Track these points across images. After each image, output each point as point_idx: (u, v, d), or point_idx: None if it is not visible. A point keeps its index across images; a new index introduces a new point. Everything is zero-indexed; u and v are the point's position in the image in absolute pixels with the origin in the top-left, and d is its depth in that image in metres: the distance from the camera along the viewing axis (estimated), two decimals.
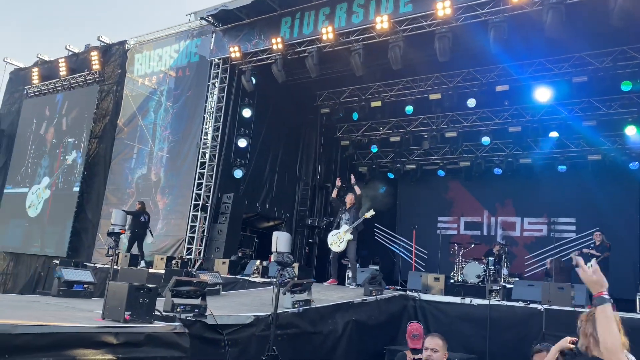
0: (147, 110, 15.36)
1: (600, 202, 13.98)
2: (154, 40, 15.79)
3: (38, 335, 3.44)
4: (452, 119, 15.19)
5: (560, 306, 7.21)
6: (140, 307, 4.17)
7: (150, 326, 4.18)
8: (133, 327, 4.02)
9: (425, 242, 15.93)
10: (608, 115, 13.09)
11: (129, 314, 4.07)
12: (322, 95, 15.88)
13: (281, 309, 5.85)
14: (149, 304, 4.25)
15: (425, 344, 4.38)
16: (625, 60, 11.55)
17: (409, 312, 8.36)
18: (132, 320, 4.07)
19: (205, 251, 12.75)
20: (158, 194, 14.17)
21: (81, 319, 4.40)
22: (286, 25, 12.38)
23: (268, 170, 15.16)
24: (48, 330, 3.56)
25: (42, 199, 16.96)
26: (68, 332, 3.68)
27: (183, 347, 4.31)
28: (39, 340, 3.43)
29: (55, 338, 3.55)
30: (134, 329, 4.02)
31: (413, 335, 5.54)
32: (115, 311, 4.17)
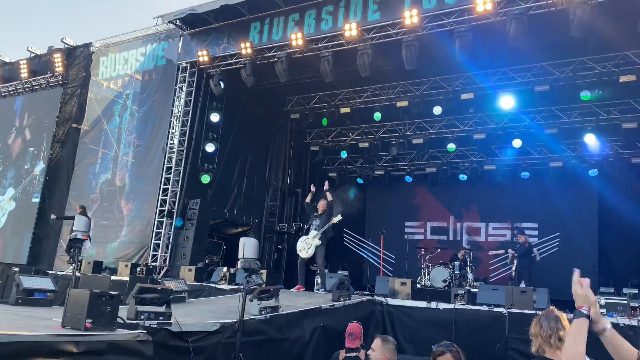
0: (112, 114, 15.06)
1: (561, 207, 14.38)
2: (120, 43, 15.52)
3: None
4: (418, 126, 15.41)
5: (522, 309, 7.39)
6: (102, 315, 4.07)
7: (112, 334, 4.09)
8: (94, 335, 3.92)
9: (393, 247, 16.08)
10: (568, 123, 13.51)
11: (90, 322, 3.96)
12: (291, 100, 15.89)
13: (248, 315, 5.81)
14: (111, 312, 4.16)
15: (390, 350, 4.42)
16: (584, 70, 11.97)
17: (376, 317, 8.43)
18: (94, 328, 3.97)
19: (171, 258, 12.55)
20: (123, 200, 13.89)
21: (40, 327, 4.27)
22: (255, 30, 12.36)
23: (236, 175, 15.04)
24: (5, 339, 3.45)
25: (5, 210, 16.42)
26: (26, 341, 3.57)
27: (146, 355, 4.23)
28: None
29: (13, 347, 3.44)
30: (95, 337, 3.92)
31: (349, 334, 5.59)
32: (76, 319, 4.05)
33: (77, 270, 7.66)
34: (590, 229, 14.48)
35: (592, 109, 13.08)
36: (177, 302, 7.15)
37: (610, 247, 13.77)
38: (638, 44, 11.06)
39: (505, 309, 7.52)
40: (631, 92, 12.27)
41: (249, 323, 5.73)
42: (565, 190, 14.34)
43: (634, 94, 12.38)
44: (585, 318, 2.32)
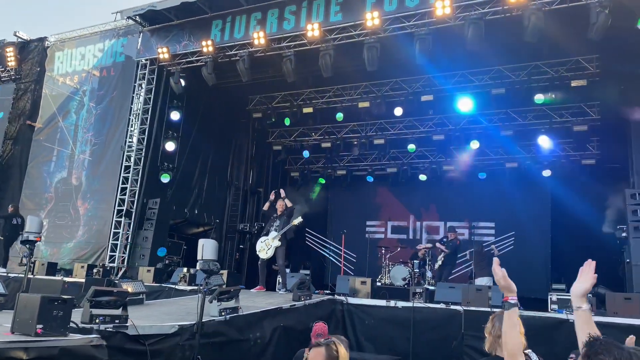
0: (68, 110, 14.62)
1: (516, 207, 14.84)
2: (76, 38, 15.07)
3: None
4: (380, 127, 15.61)
5: (478, 307, 7.60)
6: (53, 320, 3.97)
7: (64, 339, 3.99)
8: (45, 341, 3.82)
9: (354, 246, 16.23)
10: (523, 125, 13.95)
11: (41, 327, 3.86)
12: (254, 99, 15.81)
13: (207, 317, 5.77)
14: (63, 316, 4.06)
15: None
16: (538, 74, 12.39)
17: (336, 316, 8.51)
18: (45, 333, 3.86)
19: (129, 259, 12.28)
20: (79, 199, 13.51)
21: None
22: (217, 28, 12.24)
23: (197, 174, 14.85)
24: None
25: None
26: None
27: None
28: None
29: None
30: (46, 342, 3.82)
31: (317, 334, 5.66)
32: (26, 325, 3.94)
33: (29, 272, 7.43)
34: (544, 228, 15.01)
35: (545, 112, 13.55)
36: (135, 305, 7.03)
37: (562, 245, 14.28)
38: (588, 50, 11.54)
39: (461, 306, 7.71)
40: (582, 97, 12.78)
41: (208, 324, 5.69)
42: (520, 190, 14.79)
43: (585, 98, 12.90)
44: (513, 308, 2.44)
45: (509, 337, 2.44)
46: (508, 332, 2.46)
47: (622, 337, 6.44)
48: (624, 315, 7.03)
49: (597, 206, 12.55)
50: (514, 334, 2.44)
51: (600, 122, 13.14)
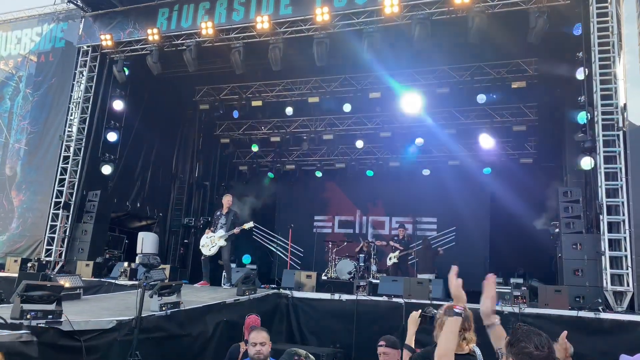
0: (2, 97, 13.89)
1: (457, 203, 15.28)
2: (12, 20, 14.30)
3: None
4: (329, 122, 15.70)
5: (419, 299, 7.81)
6: None
7: None
8: None
9: (301, 241, 16.29)
10: (466, 124, 14.41)
11: None
12: (201, 90, 15.52)
13: (147, 312, 5.64)
14: None
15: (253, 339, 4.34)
16: (481, 75, 12.83)
17: (281, 310, 8.52)
18: None
19: (67, 253, 11.80)
20: (13, 190, 12.87)
21: None
22: (163, 17, 11.92)
23: (140, 166, 14.42)
24: None
25: None
26: None
27: (31, 357, 3.99)
28: None
29: None
30: None
31: (251, 327, 5.68)
32: None
33: None
34: (483, 224, 15.57)
35: (487, 112, 14.06)
36: (71, 300, 6.79)
37: (500, 241, 14.87)
38: (528, 54, 12.06)
39: (403, 299, 7.90)
40: (521, 98, 13.33)
41: (148, 319, 5.56)
42: (461, 187, 15.25)
43: (524, 99, 13.47)
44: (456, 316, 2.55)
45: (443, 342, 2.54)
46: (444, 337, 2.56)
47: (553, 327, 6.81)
48: (554, 306, 7.42)
49: (534, 203, 13.13)
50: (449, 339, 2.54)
51: (538, 123, 13.77)
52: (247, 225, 9.59)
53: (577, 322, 7.02)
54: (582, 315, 7.11)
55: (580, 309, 7.48)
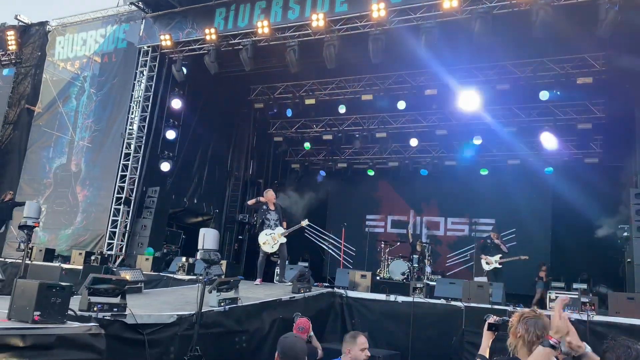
0: (68, 96, 14.50)
1: (517, 204, 14.76)
2: (78, 23, 14.92)
3: None
4: (382, 120, 15.50)
5: (479, 303, 7.54)
6: (51, 307, 3.89)
7: (62, 327, 3.91)
8: (43, 329, 3.74)
9: (353, 240, 16.18)
10: (527, 122, 13.84)
11: (39, 314, 3.78)
12: (256, 89, 15.69)
13: (206, 307, 5.70)
14: (61, 303, 3.98)
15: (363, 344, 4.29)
16: (543, 70, 12.28)
17: (336, 309, 8.45)
18: (42, 320, 3.78)
19: (128, 247, 12.22)
20: (78, 186, 13.43)
21: None
22: (220, 17, 12.10)
23: (197, 163, 14.75)
24: None
25: None
26: None
27: (98, 349, 4.08)
28: None
29: None
30: (43, 330, 3.74)
31: (299, 327, 5.66)
32: (23, 311, 3.86)
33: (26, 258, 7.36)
34: (544, 226, 14.95)
35: (550, 109, 13.46)
36: (133, 293, 6.96)
37: (562, 244, 14.25)
38: (595, 48, 11.44)
39: (462, 302, 7.65)
40: (587, 94, 12.68)
41: (207, 315, 5.62)
42: (521, 187, 14.73)
43: (590, 95, 12.80)
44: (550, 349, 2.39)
45: None
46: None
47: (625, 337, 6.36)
48: (626, 315, 6.97)
49: (599, 205, 12.49)
50: None
51: (605, 121, 13.05)
52: (304, 223, 9.58)
53: None
54: None
55: None
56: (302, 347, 3.34)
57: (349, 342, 4.25)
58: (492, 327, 3.52)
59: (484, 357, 3.53)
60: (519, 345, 3.08)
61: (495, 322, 3.52)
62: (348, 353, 4.19)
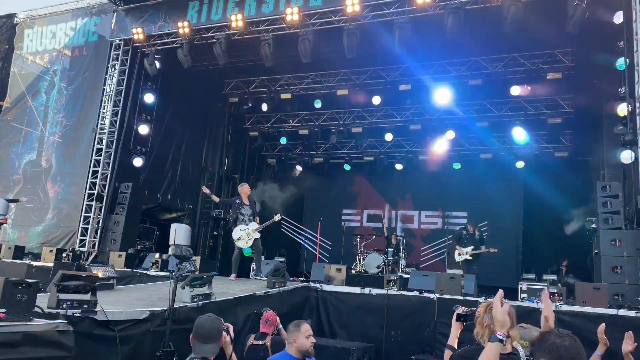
0: (37, 90, 14.19)
1: (489, 197, 15.00)
2: (47, 15, 14.59)
3: None
4: (358, 115, 15.57)
5: (451, 295, 7.67)
6: (17, 304, 3.82)
7: (28, 324, 3.84)
8: (8, 326, 3.67)
9: (329, 234, 16.24)
10: (499, 117, 14.07)
11: (4, 312, 3.71)
12: (230, 83, 15.58)
13: (179, 303, 5.66)
14: (27, 301, 3.91)
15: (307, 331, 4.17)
16: (515, 66, 12.49)
17: (311, 303, 8.49)
18: (8, 318, 3.72)
19: (100, 243, 12.04)
20: (49, 182, 13.16)
21: None
22: (194, 10, 11.97)
23: (171, 159, 14.58)
24: None
25: None
26: None
27: (67, 346, 4.02)
28: None
29: None
30: (9, 327, 3.67)
31: (266, 320, 5.71)
32: None
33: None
34: (516, 218, 15.24)
35: (520, 104, 13.71)
36: (105, 290, 6.89)
37: (533, 236, 14.54)
38: (565, 43, 11.68)
39: (434, 294, 7.77)
40: (557, 89, 12.93)
41: (180, 311, 5.58)
42: (493, 181, 14.96)
43: (560, 90, 13.06)
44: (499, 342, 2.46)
45: None
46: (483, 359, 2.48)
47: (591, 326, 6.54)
48: (592, 304, 7.18)
49: (569, 198, 12.78)
50: None
51: (574, 115, 13.34)
52: (276, 218, 9.55)
53: (617, 320, 6.78)
54: (623, 314, 6.85)
55: (619, 307, 7.23)
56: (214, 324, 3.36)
57: (292, 332, 4.11)
58: (461, 318, 3.59)
59: (453, 347, 3.60)
60: (486, 334, 3.16)
61: (464, 313, 3.59)
62: (294, 343, 4.06)
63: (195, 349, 3.23)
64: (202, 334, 3.23)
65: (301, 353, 4.05)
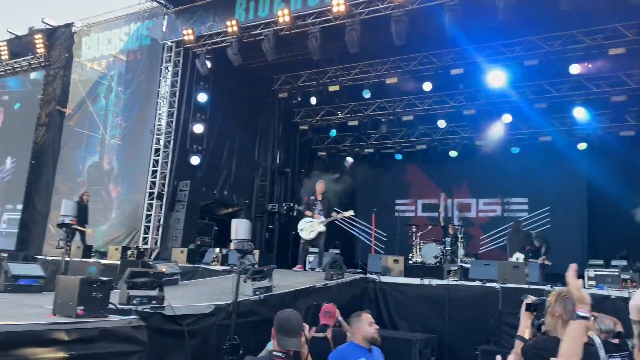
0: (97, 95, 14.78)
1: (550, 181, 14.42)
2: (102, 22, 15.15)
3: None
4: (408, 103, 15.31)
5: (515, 284, 7.44)
6: (93, 302, 4.01)
7: (104, 321, 4.02)
8: (86, 323, 3.85)
9: (383, 225, 16.11)
10: (558, 97, 13.47)
11: (82, 309, 3.89)
12: (279, 79, 15.69)
13: (242, 296, 5.77)
14: (102, 298, 4.09)
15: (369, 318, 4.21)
16: (573, 43, 11.89)
17: (369, 295, 8.45)
18: (85, 315, 3.90)
19: (162, 240, 12.46)
20: (111, 183, 13.73)
21: (31, 316, 4.20)
22: (241, 8, 12.10)
23: (225, 156, 14.88)
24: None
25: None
26: (17, 330, 3.49)
27: (140, 341, 4.18)
28: None
29: (3, 338, 3.36)
30: (87, 324, 3.85)
31: (325, 312, 5.70)
32: (67, 306, 3.98)
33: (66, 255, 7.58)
34: (580, 203, 14.58)
35: (581, 83, 13.06)
36: (170, 285, 7.10)
37: (599, 220, 13.90)
38: (627, 16, 11.00)
39: (498, 283, 7.56)
40: (620, 65, 12.23)
41: (243, 304, 5.69)
42: (554, 165, 14.38)
43: (623, 66, 12.34)
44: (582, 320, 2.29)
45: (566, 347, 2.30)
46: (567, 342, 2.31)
47: None
48: None
49: (636, 179, 12.11)
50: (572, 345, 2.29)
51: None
52: (347, 213, 9.65)
53: None
54: None
55: None
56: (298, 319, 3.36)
57: (355, 322, 4.17)
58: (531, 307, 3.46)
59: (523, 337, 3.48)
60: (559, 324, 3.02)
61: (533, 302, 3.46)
62: (358, 332, 4.11)
63: (279, 343, 3.23)
64: (288, 328, 3.24)
65: (367, 341, 4.07)
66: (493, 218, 15.96)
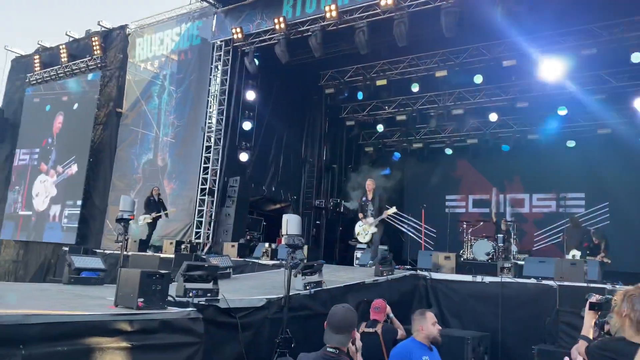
0: (150, 95, 15.25)
1: (610, 176, 13.80)
2: (154, 23, 15.61)
3: (52, 325, 3.41)
4: (458, 96, 14.99)
5: (573, 282, 7.16)
6: (153, 294, 4.14)
7: (164, 312, 4.15)
8: (147, 314, 3.99)
9: (433, 221, 15.86)
10: (617, 88, 12.86)
11: (142, 301, 4.03)
12: (326, 75, 15.71)
13: (293, 291, 5.82)
14: (161, 290, 4.22)
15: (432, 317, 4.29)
16: (634, 30, 11.29)
17: (420, 292, 8.36)
18: (146, 307, 4.04)
19: (214, 235, 12.76)
20: (165, 179, 14.15)
21: (94, 306, 4.39)
22: (288, 5, 12.19)
23: (273, 152, 15.07)
24: (62, 319, 3.53)
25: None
26: (82, 320, 3.65)
27: (198, 333, 4.29)
28: (52, 330, 3.40)
29: (70, 327, 3.53)
30: (147, 315, 3.99)
31: (375, 308, 5.70)
32: (128, 298, 4.14)
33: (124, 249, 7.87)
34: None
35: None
36: (223, 279, 7.25)
37: None
38: None
39: (554, 281, 7.30)
40: None
41: (294, 298, 5.74)
42: (614, 158, 13.76)
43: None
44: None
45: None
46: None
47: None
48: None
49: None
50: None
51: None
52: (390, 211, 9.62)
53: None
54: None
55: None
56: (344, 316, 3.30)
57: (418, 320, 4.24)
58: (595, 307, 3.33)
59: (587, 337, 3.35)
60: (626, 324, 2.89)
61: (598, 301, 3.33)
62: (422, 330, 4.19)
63: (326, 337, 3.23)
64: (334, 323, 3.23)
65: (429, 340, 4.16)
66: (547, 214, 15.42)
